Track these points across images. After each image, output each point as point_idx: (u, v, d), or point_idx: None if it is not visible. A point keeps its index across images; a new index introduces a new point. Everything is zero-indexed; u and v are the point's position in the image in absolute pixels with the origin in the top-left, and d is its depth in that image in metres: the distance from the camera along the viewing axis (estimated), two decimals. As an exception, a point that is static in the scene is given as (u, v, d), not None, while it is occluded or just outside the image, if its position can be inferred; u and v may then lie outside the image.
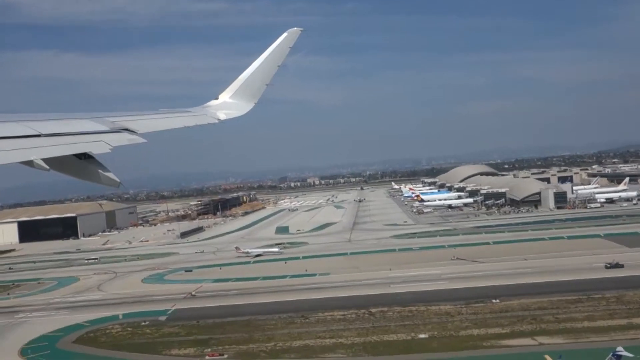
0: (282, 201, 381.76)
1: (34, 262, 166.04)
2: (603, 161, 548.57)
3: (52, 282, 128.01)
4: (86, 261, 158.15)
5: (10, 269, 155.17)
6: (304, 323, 77.81)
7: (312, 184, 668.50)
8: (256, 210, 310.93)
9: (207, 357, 67.19)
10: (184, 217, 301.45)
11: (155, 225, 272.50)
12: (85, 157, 13.76)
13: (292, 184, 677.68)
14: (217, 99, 23.90)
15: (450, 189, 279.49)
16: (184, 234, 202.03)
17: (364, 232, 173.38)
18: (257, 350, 67.93)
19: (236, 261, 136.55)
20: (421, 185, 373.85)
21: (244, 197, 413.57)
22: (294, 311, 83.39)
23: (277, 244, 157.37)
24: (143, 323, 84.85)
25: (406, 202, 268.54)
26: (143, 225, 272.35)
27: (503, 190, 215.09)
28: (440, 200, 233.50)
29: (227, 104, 23.52)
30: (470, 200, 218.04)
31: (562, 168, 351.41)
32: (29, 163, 12.01)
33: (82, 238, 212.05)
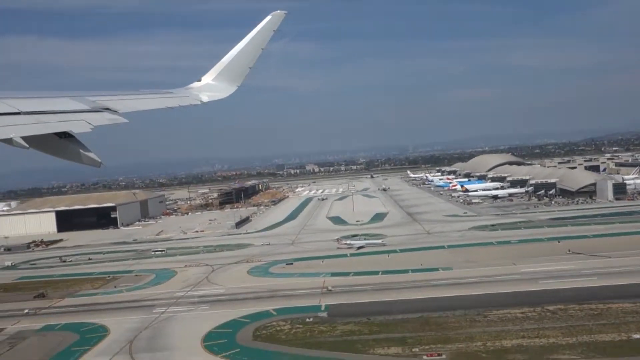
0: (300, 189, 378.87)
1: (102, 252, 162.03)
2: (603, 149, 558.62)
3: (150, 275, 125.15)
4: (153, 253, 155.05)
5: (89, 259, 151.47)
6: (487, 321, 77.39)
7: (311, 171, 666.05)
8: (282, 199, 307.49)
9: (425, 357, 66.43)
10: (206, 206, 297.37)
11: (186, 214, 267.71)
12: (65, 136, 13.67)
13: (292, 172, 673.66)
14: (199, 80, 23.85)
15: (482, 178, 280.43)
16: (238, 224, 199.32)
17: (432, 224, 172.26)
18: (473, 350, 67.44)
19: (333, 254, 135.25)
20: (439, 174, 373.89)
21: (259, 186, 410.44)
22: (463, 308, 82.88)
23: (371, 236, 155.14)
24: (308, 319, 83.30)
25: (441, 192, 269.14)
26: (175, 214, 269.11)
27: (553, 180, 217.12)
28: (485, 190, 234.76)
29: (210, 86, 23.43)
30: (520, 190, 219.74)
31: (587, 157, 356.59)
32: (8, 141, 11.83)
33: (121, 228, 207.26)
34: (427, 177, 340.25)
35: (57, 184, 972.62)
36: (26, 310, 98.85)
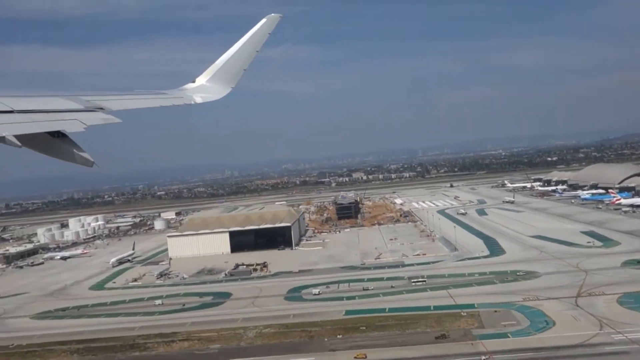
0: (399, 201, 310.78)
1: (348, 281, 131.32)
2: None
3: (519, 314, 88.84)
4: (413, 283, 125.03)
5: (364, 289, 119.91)
6: None
7: (360, 179, 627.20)
8: (405, 214, 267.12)
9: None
10: (326, 221, 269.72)
11: (326, 232, 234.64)
12: (58, 135, 13.71)
13: (339, 179, 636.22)
14: (193, 82, 23.97)
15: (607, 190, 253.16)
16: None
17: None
18: None
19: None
20: (538, 183, 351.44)
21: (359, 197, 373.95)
22: None
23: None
24: None
25: (600, 206, 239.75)
26: (326, 232, 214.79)
27: None
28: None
29: (204, 87, 23.67)
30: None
31: None
32: (1, 139, 11.84)
33: (295, 248, 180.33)
34: (557, 188, 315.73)
35: (68, 191, 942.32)
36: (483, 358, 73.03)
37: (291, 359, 77.45)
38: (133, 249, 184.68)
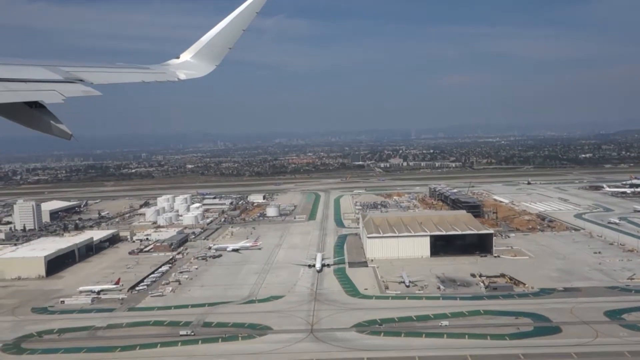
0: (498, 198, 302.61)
1: None
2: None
3: None
4: None
5: None
6: None
7: (400, 165, 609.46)
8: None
9: None
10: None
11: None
12: (36, 105, 13.68)
13: (383, 165, 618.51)
14: (178, 58, 23.78)
15: None
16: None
17: None
18: None
19: None
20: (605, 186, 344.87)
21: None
22: None
23: None
24: None
25: None
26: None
27: None
28: None
29: (188, 63, 23.39)
30: None
31: None
32: None
33: (496, 256, 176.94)
34: None
35: (60, 154, 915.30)
36: None
37: None
38: (322, 251, 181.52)
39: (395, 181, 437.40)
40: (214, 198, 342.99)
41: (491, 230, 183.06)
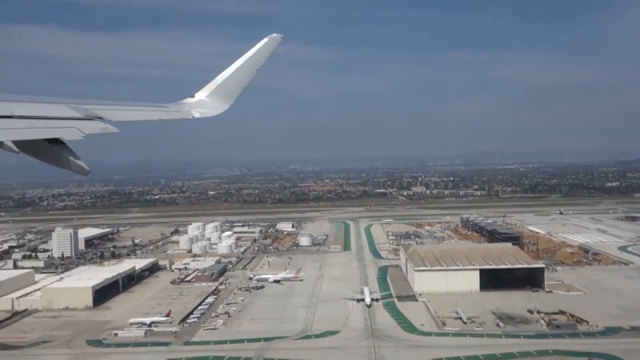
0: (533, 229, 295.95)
1: None
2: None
3: None
4: None
5: None
6: None
7: (423, 193, 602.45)
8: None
9: None
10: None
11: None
12: (56, 142, 13.82)
13: (405, 193, 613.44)
14: (193, 96, 24.38)
15: None
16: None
17: None
18: None
19: None
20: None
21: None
22: None
23: None
24: None
25: None
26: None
27: None
28: None
29: (203, 102, 24.01)
30: None
31: None
32: None
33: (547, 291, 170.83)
34: None
35: (80, 180, 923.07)
36: None
37: None
38: (366, 284, 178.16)
39: (422, 210, 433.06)
40: (243, 226, 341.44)
41: (542, 265, 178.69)
